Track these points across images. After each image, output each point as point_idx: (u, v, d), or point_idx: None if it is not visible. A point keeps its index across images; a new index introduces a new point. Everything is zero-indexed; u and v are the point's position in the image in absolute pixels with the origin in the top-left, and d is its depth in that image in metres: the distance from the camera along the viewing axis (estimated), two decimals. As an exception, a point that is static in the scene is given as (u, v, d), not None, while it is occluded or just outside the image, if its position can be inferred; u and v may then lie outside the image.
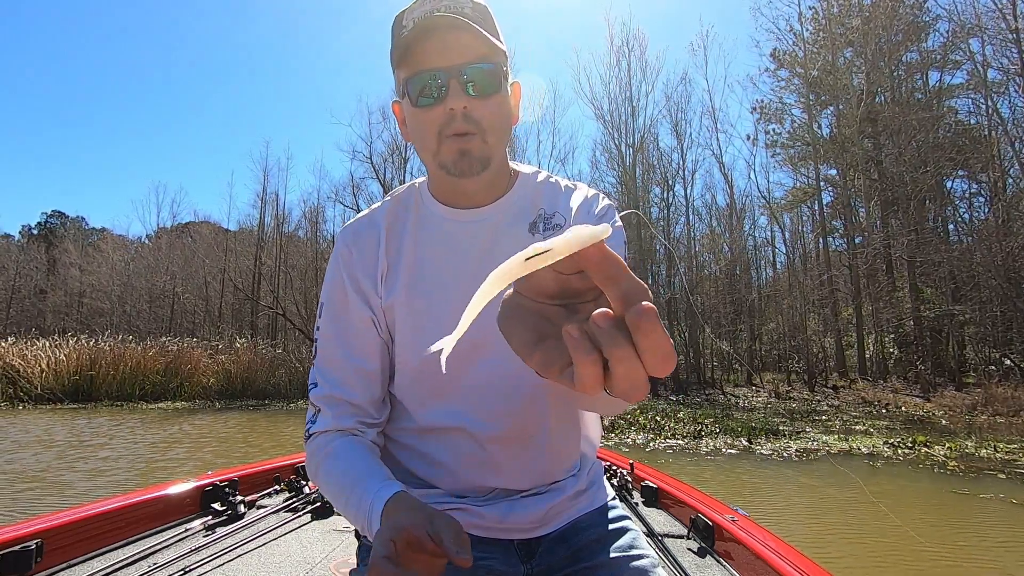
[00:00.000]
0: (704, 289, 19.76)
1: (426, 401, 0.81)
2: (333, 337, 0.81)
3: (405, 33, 0.74)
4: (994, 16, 15.20)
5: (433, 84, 0.73)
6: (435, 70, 0.73)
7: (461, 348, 0.76)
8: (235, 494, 1.74)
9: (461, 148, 0.75)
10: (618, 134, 20.39)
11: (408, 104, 0.77)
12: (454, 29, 0.73)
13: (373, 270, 0.81)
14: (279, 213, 26.30)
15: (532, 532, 0.80)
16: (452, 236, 0.82)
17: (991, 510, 4.46)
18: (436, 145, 0.75)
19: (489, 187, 0.82)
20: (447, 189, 0.82)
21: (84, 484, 5.09)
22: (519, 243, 0.80)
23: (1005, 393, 10.84)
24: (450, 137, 0.74)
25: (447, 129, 0.74)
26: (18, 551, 1.19)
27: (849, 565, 3.34)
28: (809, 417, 10.14)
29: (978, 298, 15.13)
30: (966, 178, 18.26)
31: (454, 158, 0.75)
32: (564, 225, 0.82)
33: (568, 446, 0.85)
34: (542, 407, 0.80)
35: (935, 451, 6.76)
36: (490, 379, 0.78)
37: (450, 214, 0.83)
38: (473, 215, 0.82)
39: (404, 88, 0.76)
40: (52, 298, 31.36)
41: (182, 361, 14.16)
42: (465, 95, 0.73)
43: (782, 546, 1.22)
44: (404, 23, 0.76)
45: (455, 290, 0.79)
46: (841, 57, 18.85)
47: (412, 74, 0.74)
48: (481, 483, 0.80)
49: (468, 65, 0.73)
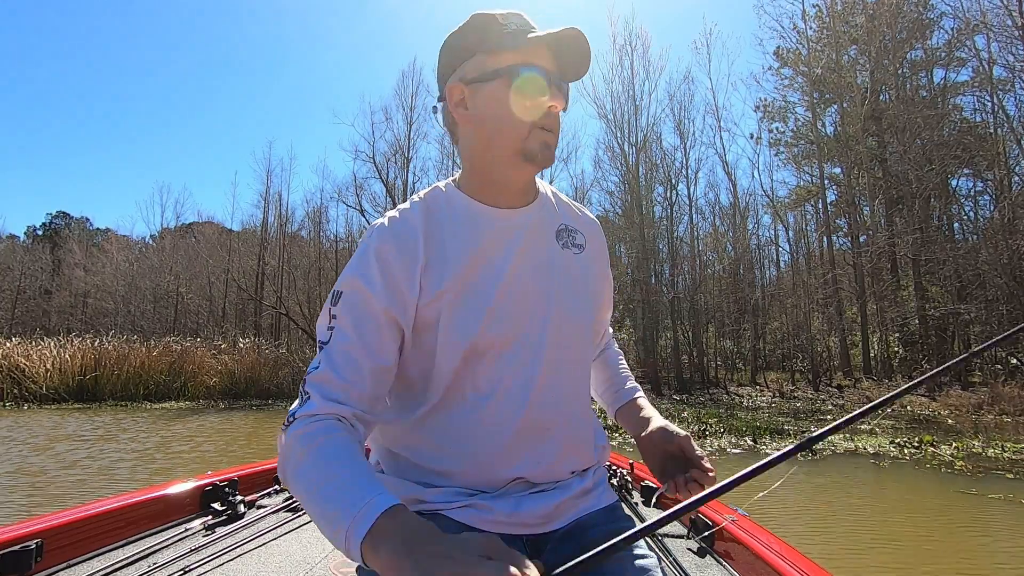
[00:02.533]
0: (708, 288, 19.73)
1: (450, 388, 0.82)
2: (352, 327, 0.78)
3: (510, 29, 0.81)
4: (999, 12, 15.10)
5: (546, 80, 0.81)
6: (555, 72, 0.83)
7: (496, 340, 0.81)
8: (235, 494, 1.74)
9: (547, 141, 0.83)
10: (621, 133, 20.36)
11: (502, 88, 0.81)
12: (582, 50, 0.84)
13: (412, 265, 0.81)
14: (282, 213, 26.36)
15: (539, 528, 0.82)
16: (492, 231, 0.86)
17: (999, 510, 4.44)
18: (527, 132, 0.82)
19: (529, 186, 0.90)
20: (496, 182, 0.87)
21: (85, 484, 5.12)
22: (548, 246, 0.90)
23: (1012, 392, 10.78)
24: (541, 129, 0.83)
25: (541, 121, 0.82)
26: (18, 551, 1.19)
27: (851, 565, 3.32)
28: (814, 416, 10.10)
29: (984, 297, 15.04)
30: (971, 176, 18.16)
31: (541, 147, 0.83)
32: (585, 246, 0.94)
33: (580, 444, 0.88)
34: (560, 401, 0.84)
35: (942, 451, 6.73)
36: (514, 373, 0.82)
37: (488, 210, 0.87)
38: (514, 213, 0.88)
39: (508, 71, 0.81)
40: (57, 298, 31.52)
41: (186, 361, 14.22)
42: (563, 102, 0.84)
43: (782, 546, 1.21)
44: (502, 22, 0.82)
45: (494, 283, 0.82)
46: (845, 55, 18.78)
47: (527, 63, 0.81)
48: (497, 474, 0.81)
49: (569, 82, 0.86)
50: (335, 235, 27.76)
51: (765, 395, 14.47)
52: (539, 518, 0.81)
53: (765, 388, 15.98)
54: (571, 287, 0.88)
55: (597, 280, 0.94)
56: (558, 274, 0.87)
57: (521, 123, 0.81)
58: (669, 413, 9.94)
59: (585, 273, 0.91)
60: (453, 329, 0.80)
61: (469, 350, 0.80)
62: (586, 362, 0.93)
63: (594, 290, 0.93)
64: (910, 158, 16.11)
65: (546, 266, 0.87)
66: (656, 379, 16.95)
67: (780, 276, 22.72)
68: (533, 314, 0.83)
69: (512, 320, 0.82)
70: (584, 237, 0.94)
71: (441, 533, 0.56)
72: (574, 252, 0.91)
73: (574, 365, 0.88)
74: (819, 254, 21.73)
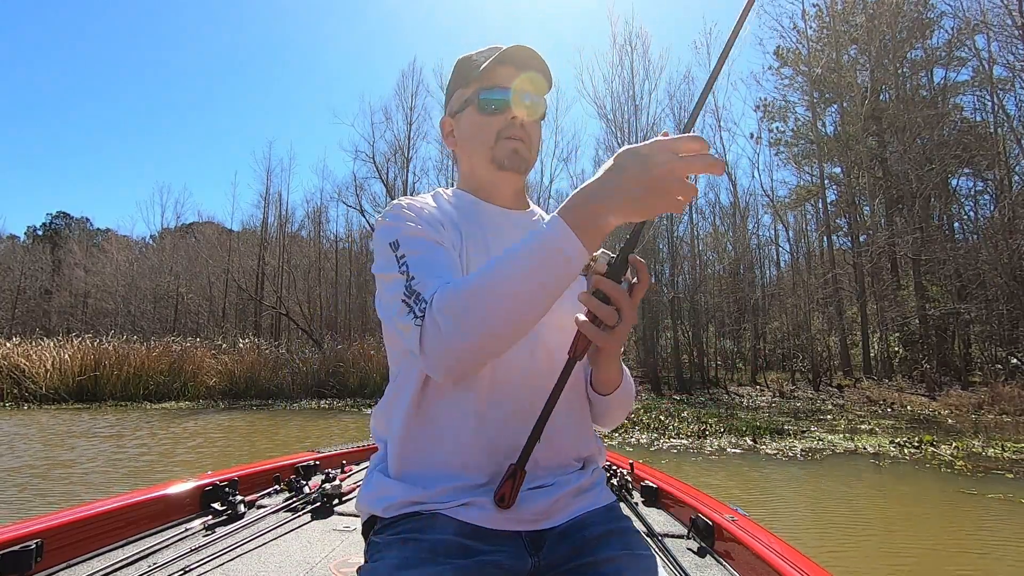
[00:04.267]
0: (708, 288, 19.72)
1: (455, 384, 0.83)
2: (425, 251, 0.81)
3: (480, 62, 0.93)
4: (1000, 12, 15.09)
5: (503, 97, 0.93)
6: (509, 88, 0.93)
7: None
8: (235, 494, 1.74)
9: (515, 147, 0.93)
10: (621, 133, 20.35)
11: (472, 112, 0.95)
12: (531, 63, 0.94)
13: (436, 224, 0.88)
14: (282, 213, 26.39)
15: (536, 524, 0.82)
16: (497, 222, 0.94)
17: (999, 510, 4.44)
18: (494, 142, 0.93)
19: (519, 195, 0.99)
20: (487, 188, 0.97)
21: (85, 484, 5.12)
22: None
23: (1012, 392, 10.78)
24: (507, 139, 0.93)
25: (506, 132, 0.93)
26: (18, 551, 1.19)
27: (851, 565, 3.32)
28: (814, 416, 10.10)
29: (984, 296, 15.04)
30: (971, 175, 18.15)
31: (508, 154, 0.93)
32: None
33: (577, 440, 0.90)
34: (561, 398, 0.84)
35: (941, 450, 6.73)
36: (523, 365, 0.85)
37: (494, 207, 0.97)
38: (512, 212, 0.98)
39: (473, 98, 0.94)
40: (57, 299, 31.52)
41: (186, 361, 14.22)
42: (525, 113, 0.94)
43: (782, 546, 1.22)
44: (475, 59, 0.95)
45: None
46: (845, 54, 18.77)
47: (488, 86, 0.93)
48: (497, 467, 0.81)
49: (532, 94, 0.95)
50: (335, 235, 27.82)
51: (765, 395, 14.47)
52: (537, 514, 0.82)
53: (765, 388, 15.97)
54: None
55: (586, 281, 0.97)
56: None
57: (488, 136, 0.93)
58: (669, 413, 9.94)
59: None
60: None
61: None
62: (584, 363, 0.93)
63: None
64: (910, 158, 16.11)
65: None
66: (656, 379, 16.95)
67: (780, 276, 22.71)
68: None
69: None
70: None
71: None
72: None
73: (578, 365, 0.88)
74: (819, 254, 21.73)
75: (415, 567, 0.72)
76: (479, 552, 0.76)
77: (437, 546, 0.75)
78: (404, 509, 0.80)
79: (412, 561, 0.73)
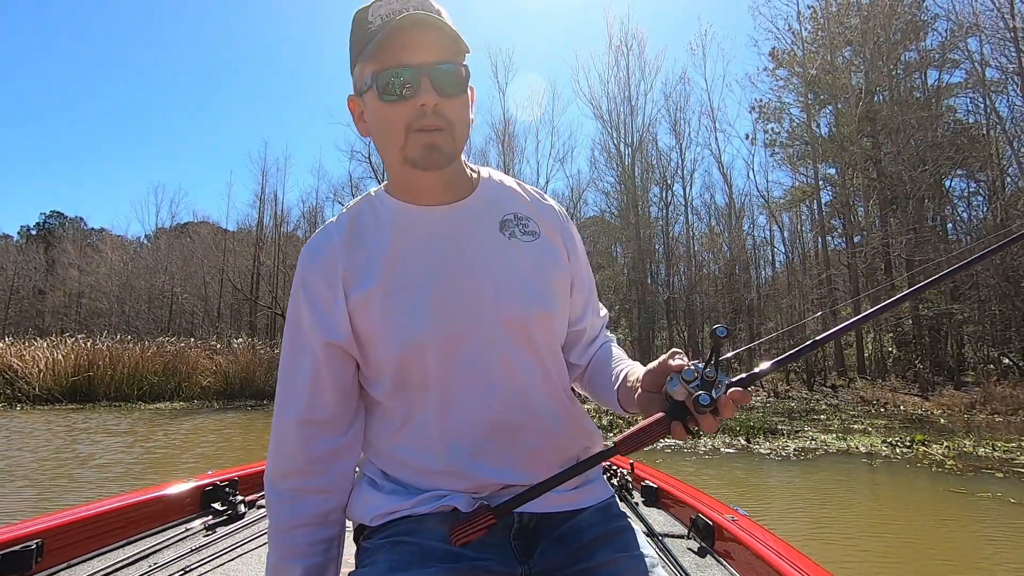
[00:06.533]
0: (703, 288, 19.78)
1: (408, 395, 0.81)
2: (289, 362, 0.84)
3: (373, 28, 0.75)
4: (992, 15, 15.21)
5: (405, 79, 0.75)
6: (407, 66, 0.75)
7: (439, 339, 0.78)
8: (235, 494, 1.74)
9: (429, 142, 0.76)
10: (617, 133, 20.42)
11: (373, 98, 0.77)
12: (428, 28, 0.75)
13: (333, 273, 0.81)
14: (278, 213, 26.32)
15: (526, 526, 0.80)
16: (421, 230, 0.83)
17: (988, 509, 4.47)
18: (403, 139, 0.77)
19: (450, 185, 0.84)
20: (410, 187, 0.84)
21: (83, 484, 5.09)
22: (488, 238, 0.83)
23: (1003, 392, 10.85)
24: (418, 132, 0.76)
25: (416, 123, 0.76)
26: (18, 551, 1.19)
27: (848, 565, 3.34)
28: (808, 416, 10.15)
29: (977, 297, 15.15)
30: (965, 177, 18.28)
31: (422, 151, 0.77)
32: (540, 233, 0.87)
33: (560, 443, 0.84)
34: (529, 399, 0.81)
35: (933, 450, 6.77)
36: (474, 369, 0.79)
37: (416, 209, 0.84)
38: (440, 210, 0.84)
39: (371, 82, 0.77)
40: (51, 298, 31.32)
41: (180, 361, 14.14)
42: (435, 93, 0.75)
43: (782, 546, 1.22)
44: (370, 19, 0.77)
45: (427, 281, 0.80)
46: (840, 56, 18.85)
47: (382, 68, 0.75)
48: (474, 479, 0.79)
49: (439, 64, 0.76)
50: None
51: (759, 395, 14.52)
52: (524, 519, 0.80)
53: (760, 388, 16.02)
54: (519, 278, 0.82)
55: (557, 266, 0.87)
56: (501, 266, 0.82)
57: (396, 130, 0.77)
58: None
59: (539, 261, 0.85)
60: (389, 332, 0.79)
61: (412, 353, 0.78)
62: (556, 356, 0.87)
63: (553, 277, 0.86)
64: (904, 159, 16.21)
65: (484, 259, 0.82)
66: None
67: (775, 276, 22.80)
68: (475, 310, 0.79)
69: (450, 318, 0.78)
70: (538, 224, 0.88)
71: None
72: (525, 240, 0.85)
73: (543, 360, 0.83)
74: (814, 254, 21.81)
75: (406, 569, 0.71)
76: (468, 558, 0.74)
77: (427, 550, 0.74)
78: (389, 517, 0.80)
79: (403, 564, 0.72)
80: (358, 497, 0.85)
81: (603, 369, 0.89)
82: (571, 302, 0.91)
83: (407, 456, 0.82)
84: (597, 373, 0.91)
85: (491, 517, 0.69)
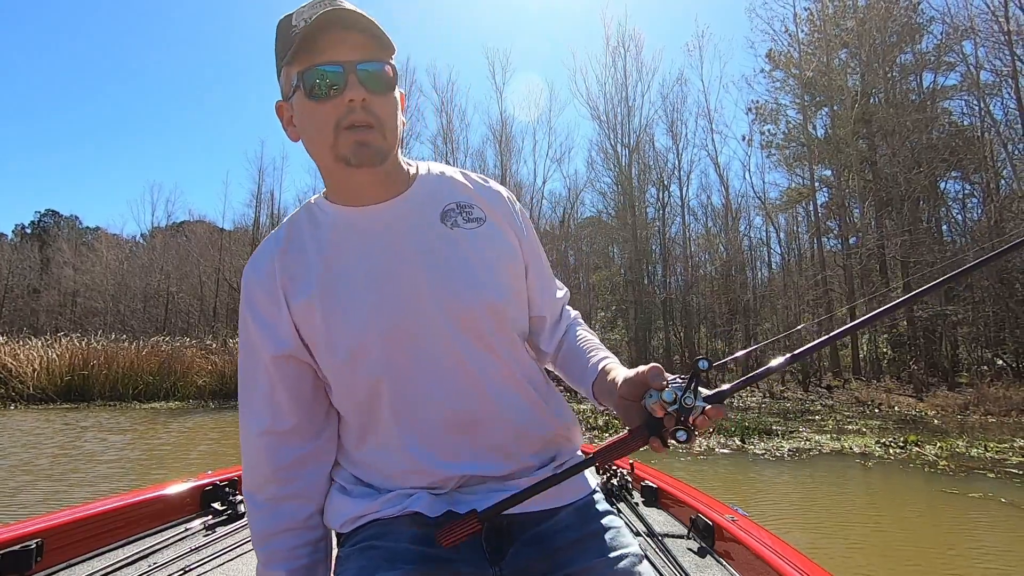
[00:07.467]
0: (700, 289, 19.82)
1: (362, 397, 0.81)
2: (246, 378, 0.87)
3: (297, 31, 0.74)
4: (987, 18, 15.30)
5: (332, 77, 0.74)
6: (334, 63, 0.74)
7: (383, 339, 0.77)
8: (235, 494, 1.74)
9: (360, 139, 0.75)
10: (614, 134, 20.44)
11: (301, 98, 0.76)
12: (353, 26, 0.74)
13: (272, 283, 0.81)
14: (274, 212, 26.15)
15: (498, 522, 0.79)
16: (357, 231, 0.82)
17: (980, 509, 4.50)
18: (333, 137, 0.75)
19: (386, 183, 0.82)
20: (345, 188, 0.82)
21: (81, 484, 5.07)
22: (427, 231, 0.82)
23: (997, 393, 10.92)
24: (348, 129, 0.75)
25: (345, 120, 0.74)
26: (18, 551, 1.19)
27: (845, 564, 3.36)
28: (803, 417, 10.19)
29: (971, 298, 15.24)
30: (959, 179, 18.36)
31: (353, 148, 0.75)
32: (485, 219, 0.85)
33: (525, 434, 0.83)
34: (485, 389, 0.80)
35: (926, 451, 6.81)
36: (424, 365, 0.79)
37: (351, 211, 0.83)
38: (376, 208, 0.82)
39: (298, 82, 0.76)
40: (45, 297, 31.12)
41: (176, 361, 14.10)
42: (364, 89, 0.74)
43: (782, 546, 1.23)
44: (294, 23, 0.76)
45: (366, 282, 0.79)
46: (836, 58, 18.93)
47: (308, 67, 0.74)
48: (440, 474, 0.79)
49: (367, 61, 0.75)
50: (327, 234, 27.57)
51: (755, 395, 14.56)
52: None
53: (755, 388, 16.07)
54: (464, 268, 0.81)
55: (505, 251, 0.86)
56: (444, 258, 0.81)
57: (326, 129, 0.75)
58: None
59: (486, 248, 0.83)
60: (332, 339, 0.78)
61: (358, 356, 0.78)
62: (512, 344, 0.85)
63: (501, 263, 0.84)
64: (899, 160, 16.28)
65: (424, 252, 0.80)
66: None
67: (771, 277, 22.86)
68: (417, 306, 0.78)
69: (392, 317, 0.78)
70: (483, 209, 0.86)
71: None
72: (469, 228, 0.84)
73: (495, 349, 0.82)
74: (810, 256, 21.86)
75: (373, 573, 0.72)
76: (438, 559, 0.74)
77: (395, 553, 0.74)
78: (359, 523, 0.80)
79: (371, 568, 0.72)
80: (329, 504, 0.85)
81: (577, 358, 0.89)
82: (527, 286, 0.90)
83: (372, 459, 0.83)
84: (570, 361, 0.91)
85: (477, 523, 0.70)
